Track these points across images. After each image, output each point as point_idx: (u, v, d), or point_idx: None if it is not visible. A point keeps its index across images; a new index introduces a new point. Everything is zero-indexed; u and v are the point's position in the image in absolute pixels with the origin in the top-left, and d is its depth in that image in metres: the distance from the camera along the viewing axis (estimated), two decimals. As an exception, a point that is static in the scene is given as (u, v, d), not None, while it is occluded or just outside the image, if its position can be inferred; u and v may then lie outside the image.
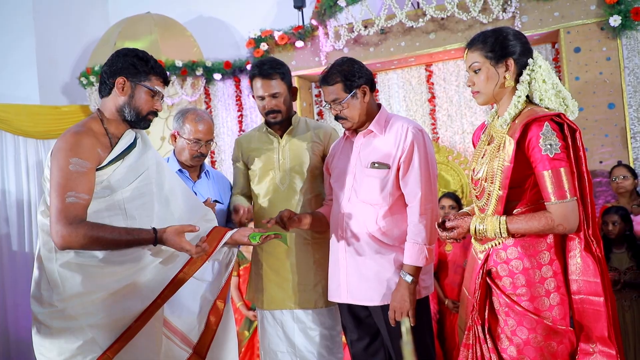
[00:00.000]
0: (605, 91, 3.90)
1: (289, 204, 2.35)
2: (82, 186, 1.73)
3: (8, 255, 4.47)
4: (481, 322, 1.74)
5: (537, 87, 1.72)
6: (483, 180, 1.76)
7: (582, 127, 3.89)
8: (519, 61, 1.74)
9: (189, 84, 4.85)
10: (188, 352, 2.05)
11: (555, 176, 1.61)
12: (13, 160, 4.56)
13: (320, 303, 2.32)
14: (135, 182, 1.85)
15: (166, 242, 1.78)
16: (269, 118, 2.38)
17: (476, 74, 1.78)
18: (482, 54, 1.76)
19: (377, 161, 2.12)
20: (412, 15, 4.20)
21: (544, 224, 1.63)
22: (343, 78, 2.10)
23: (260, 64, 2.36)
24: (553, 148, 1.61)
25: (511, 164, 1.66)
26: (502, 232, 1.68)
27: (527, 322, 1.66)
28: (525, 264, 1.69)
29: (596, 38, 3.89)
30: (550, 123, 1.64)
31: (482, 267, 1.76)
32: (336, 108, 2.13)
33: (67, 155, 1.74)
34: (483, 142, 1.86)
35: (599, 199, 3.87)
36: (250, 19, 4.96)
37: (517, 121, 1.70)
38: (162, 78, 1.92)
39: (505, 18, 4.02)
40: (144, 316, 1.80)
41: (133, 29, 4.85)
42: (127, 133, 1.92)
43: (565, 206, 1.61)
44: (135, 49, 1.91)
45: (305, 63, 4.60)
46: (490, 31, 1.80)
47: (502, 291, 1.71)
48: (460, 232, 1.78)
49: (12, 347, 4.37)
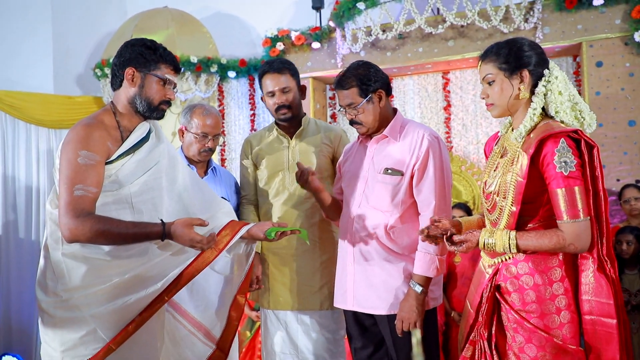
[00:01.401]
0: (626, 108, 3.82)
1: (298, 205, 2.34)
2: (91, 179, 1.72)
3: (15, 243, 4.48)
4: (487, 336, 1.70)
5: (552, 99, 1.67)
6: (495, 194, 1.72)
7: (600, 144, 3.85)
8: (535, 72, 1.69)
9: (203, 81, 4.83)
10: (212, 347, 2.01)
11: (569, 195, 1.57)
12: (24, 148, 4.57)
13: (325, 305, 2.31)
14: (143, 176, 1.82)
15: (174, 235, 1.73)
16: (279, 115, 2.37)
17: (490, 86, 1.73)
18: (496, 65, 1.71)
19: (391, 167, 2.08)
20: (432, 21, 4.15)
21: (555, 242, 1.59)
22: (359, 82, 2.07)
23: (270, 62, 2.39)
24: (568, 166, 1.57)
25: (524, 179, 1.62)
26: (512, 248, 1.65)
27: (536, 339, 1.63)
28: (536, 280, 1.65)
29: (619, 53, 3.82)
30: (566, 139, 1.59)
31: (490, 280, 1.73)
32: (351, 112, 2.10)
33: (77, 147, 1.73)
34: (496, 154, 1.82)
35: (615, 218, 3.79)
36: (267, 18, 4.94)
37: (533, 135, 1.66)
38: (173, 66, 1.88)
39: (527, 28, 3.95)
40: (148, 310, 1.76)
41: (150, 22, 4.84)
42: (139, 126, 1.89)
43: (578, 226, 1.57)
44: (143, 39, 1.88)
45: (321, 65, 4.56)
46: (505, 42, 1.75)
47: (511, 307, 1.68)
48: (469, 246, 1.74)
49: (14, 336, 4.37)
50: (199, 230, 1.80)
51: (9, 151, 4.50)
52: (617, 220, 3.76)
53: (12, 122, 4.52)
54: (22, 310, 4.42)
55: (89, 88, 5.09)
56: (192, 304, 1.98)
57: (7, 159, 4.48)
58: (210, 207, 2.02)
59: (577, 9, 3.86)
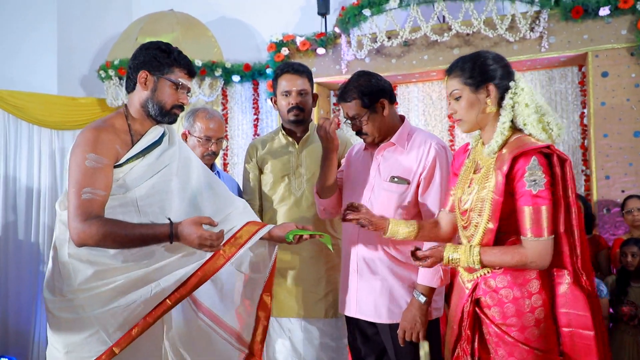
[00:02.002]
0: (631, 118, 3.81)
1: (303, 210, 2.33)
2: (98, 182, 1.71)
3: (14, 244, 4.45)
4: (470, 351, 1.70)
5: (520, 111, 1.66)
6: (470, 211, 1.71)
7: (605, 154, 3.84)
8: (501, 85, 1.69)
9: (207, 84, 4.82)
10: (245, 351, 1.98)
11: (535, 213, 1.58)
12: (26, 149, 4.55)
13: (330, 313, 2.30)
14: (151, 179, 1.81)
15: (182, 235, 1.69)
16: (290, 115, 2.35)
17: (457, 101, 1.73)
18: (462, 80, 1.71)
19: (397, 176, 2.07)
20: (437, 29, 4.14)
21: (517, 260, 1.61)
22: (360, 94, 2.06)
23: (290, 63, 2.38)
24: (537, 184, 1.58)
25: (501, 197, 1.62)
26: (476, 264, 1.66)
27: (517, 352, 1.62)
28: (515, 293, 1.65)
29: (625, 63, 3.81)
30: (538, 156, 1.59)
31: (470, 295, 1.73)
32: (356, 124, 2.09)
33: (84, 151, 1.72)
34: (468, 168, 1.81)
35: (619, 229, 3.76)
36: (272, 23, 4.93)
37: (505, 151, 1.65)
38: (187, 70, 1.87)
39: (533, 38, 3.95)
40: (152, 315, 1.73)
41: (155, 25, 4.84)
42: (151, 130, 1.87)
43: (541, 244, 1.59)
44: (158, 42, 1.86)
45: (326, 70, 4.56)
46: (469, 56, 1.75)
47: (491, 321, 1.68)
48: (434, 261, 1.75)
49: (11, 338, 4.33)
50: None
51: (11, 151, 4.48)
52: (622, 232, 3.73)
53: (14, 122, 4.50)
54: (20, 312, 4.39)
55: (93, 89, 5.08)
56: (223, 307, 1.96)
57: (8, 159, 4.46)
58: (224, 208, 1.98)
59: (583, 18, 3.86)
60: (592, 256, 3.44)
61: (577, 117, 4.26)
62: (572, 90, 4.29)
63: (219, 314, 1.94)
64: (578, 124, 4.24)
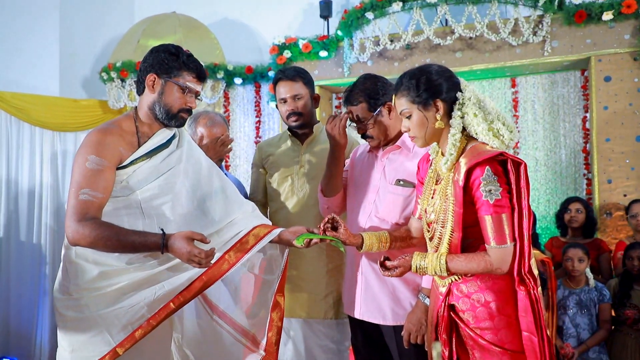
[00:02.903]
0: (634, 123, 3.81)
1: (305, 211, 2.34)
2: (97, 184, 1.72)
3: (15, 246, 4.44)
4: (448, 354, 1.73)
5: (469, 121, 1.69)
6: (434, 223, 1.74)
7: (607, 159, 3.84)
8: (448, 98, 1.71)
9: (209, 87, 4.82)
10: (261, 354, 1.98)
11: (496, 222, 1.61)
12: (28, 150, 4.54)
13: (330, 314, 2.29)
14: (156, 181, 1.81)
15: (172, 248, 1.69)
16: (290, 122, 2.37)
17: (408, 119, 1.75)
18: (409, 99, 1.73)
19: (403, 179, 2.07)
20: (440, 32, 4.14)
21: (483, 267, 1.64)
22: (367, 97, 2.07)
23: (285, 69, 2.39)
24: (493, 194, 1.60)
25: (461, 209, 1.65)
26: (442, 271, 1.68)
27: (492, 355, 1.65)
28: (486, 297, 1.68)
29: (628, 68, 3.81)
30: (491, 166, 1.61)
31: (444, 300, 1.75)
32: (362, 127, 2.09)
33: (86, 152, 1.74)
34: (431, 179, 1.83)
35: (620, 233, 3.76)
36: (275, 26, 4.94)
37: (462, 161, 1.67)
38: (196, 73, 1.85)
39: (535, 42, 3.95)
40: (156, 317, 1.73)
41: (157, 27, 4.84)
42: (159, 132, 1.87)
43: (504, 251, 1.62)
44: (168, 45, 1.86)
45: (328, 73, 4.56)
46: (412, 73, 1.75)
47: (466, 325, 1.71)
48: (403, 271, 1.77)
49: (13, 339, 4.33)
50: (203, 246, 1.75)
51: (13, 153, 4.48)
52: (624, 235, 3.73)
53: (16, 124, 4.50)
54: (21, 313, 4.38)
55: (95, 91, 5.08)
56: (237, 310, 1.95)
57: (10, 160, 4.46)
58: (232, 212, 1.96)
59: (586, 23, 3.86)
60: (593, 260, 3.44)
61: (579, 121, 4.26)
62: (574, 95, 4.29)
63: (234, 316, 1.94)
64: (580, 128, 4.25)
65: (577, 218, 3.53)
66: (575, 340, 3.15)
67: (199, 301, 1.94)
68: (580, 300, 3.19)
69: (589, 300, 3.19)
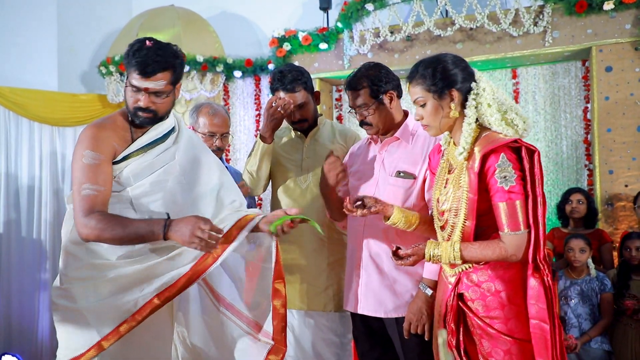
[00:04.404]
0: (635, 113, 3.80)
1: (307, 203, 2.33)
2: (96, 178, 1.73)
3: (16, 242, 4.43)
4: (456, 344, 1.74)
5: (483, 111, 1.71)
6: (447, 212, 1.75)
7: (608, 149, 3.83)
8: (463, 88, 1.73)
9: (209, 80, 4.80)
10: (270, 343, 1.95)
11: (510, 208, 1.62)
12: (27, 146, 4.52)
13: (329, 307, 2.29)
14: (147, 178, 1.81)
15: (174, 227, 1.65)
16: (296, 127, 2.37)
17: (422, 108, 1.76)
18: (424, 88, 1.74)
19: (403, 170, 2.07)
20: (441, 23, 4.12)
21: (498, 253, 1.65)
22: (370, 83, 2.07)
23: (282, 77, 2.31)
24: (508, 180, 1.62)
25: (475, 195, 1.66)
26: (456, 259, 1.69)
27: (501, 344, 1.66)
28: (496, 286, 1.69)
29: (629, 58, 3.80)
30: (506, 153, 1.64)
31: (453, 290, 1.76)
32: (362, 114, 2.09)
33: (82, 148, 1.76)
34: (443, 169, 1.84)
35: (622, 224, 3.76)
36: (274, 18, 4.91)
37: (476, 149, 1.68)
38: (139, 70, 1.74)
39: (536, 32, 3.93)
40: (141, 312, 1.72)
41: (156, 21, 4.81)
42: (156, 126, 1.85)
43: (518, 237, 1.63)
44: (135, 41, 1.80)
45: (328, 66, 4.54)
46: (428, 62, 1.76)
47: (475, 314, 1.71)
48: (416, 259, 1.76)
49: (15, 335, 4.32)
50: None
51: (12, 148, 4.46)
52: (625, 225, 3.74)
53: (15, 119, 4.47)
54: (22, 309, 4.38)
55: (94, 86, 5.05)
56: (243, 301, 1.95)
57: (9, 156, 4.44)
58: (223, 210, 1.95)
59: (587, 13, 3.84)
60: (594, 250, 3.44)
61: (580, 111, 4.25)
62: (575, 85, 4.27)
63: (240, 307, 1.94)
64: (581, 119, 4.23)
65: (579, 209, 3.53)
66: (577, 330, 3.16)
67: (205, 294, 1.94)
68: (582, 290, 3.20)
69: (591, 290, 3.20)
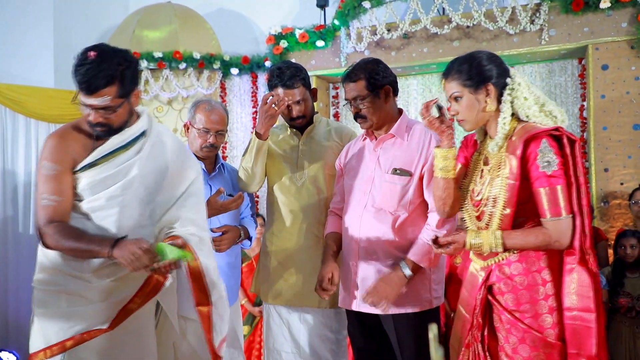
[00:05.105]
0: (631, 111, 3.81)
1: (304, 199, 2.34)
2: (54, 188, 1.71)
3: (13, 238, 4.43)
4: (480, 339, 1.73)
5: (520, 105, 1.72)
6: (485, 200, 1.75)
7: (604, 147, 3.85)
8: (498, 83, 1.74)
9: (206, 77, 4.80)
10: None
11: (552, 193, 1.62)
12: (24, 142, 4.51)
13: (324, 303, 2.29)
14: (103, 192, 1.73)
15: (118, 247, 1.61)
16: (294, 123, 2.37)
17: (457, 102, 1.78)
18: (460, 82, 1.76)
19: (399, 168, 2.07)
20: (437, 21, 4.13)
21: (542, 239, 1.64)
22: (367, 76, 2.07)
23: (280, 73, 2.31)
24: (551, 165, 1.62)
25: (517, 181, 1.66)
26: (498, 247, 1.69)
27: (529, 339, 1.65)
28: (529, 280, 1.69)
29: (625, 56, 3.81)
30: (547, 139, 1.64)
31: (484, 282, 1.75)
32: (357, 106, 2.09)
33: (41, 159, 1.76)
34: (478, 161, 1.85)
35: (617, 221, 3.78)
36: (271, 15, 4.91)
37: (515, 138, 1.70)
38: (82, 85, 1.67)
39: (533, 30, 3.94)
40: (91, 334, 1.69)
41: (152, 18, 4.81)
42: (120, 134, 1.75)
43: (561, 223, 1.62)
44: (80, 52, 1.75)
45: (325, 63, 4.54)
46: (464, 58, 1.79)
47: (504, 308, 1.71)
48: (457, 247, 1.76)
49: (11, 332, 4.33)
50: None
51: (8, 145, 4.45)
52: (620, 223, 3.75)
53: (12, 116, 4.46)
54: (19, 306, 4.38)
55: (90, 83, 5.04)
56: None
57: (6, 153, 4.43)
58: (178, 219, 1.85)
59: (583, 11, 3.85)
60: (590, 248, 3.45)
61: (576, 109, 4.26)
62: (572, 83, 4.29)
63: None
64: (577, 117, 4.25)
65: (574, 206, 3.53)
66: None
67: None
68: (577, 287, 3.21)
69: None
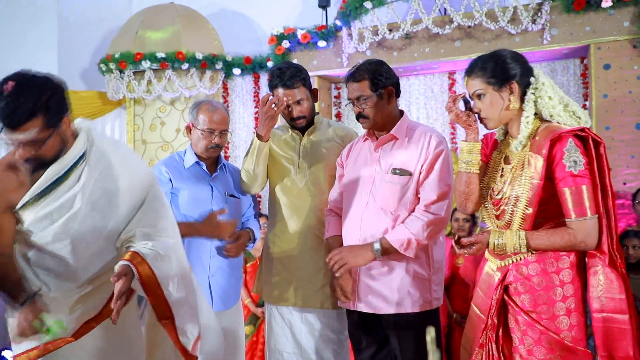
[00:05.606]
0: (633, 111, 3.80)
1: (306, 200, 2.33)
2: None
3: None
4: (495, 339, 1.72)
5: (544, 104, 1.71)
6: (506, 199, 1.73)
7: (607, 147, 3.80)
8: (522, 82, 1.73)
9: (208, 77, 4.81)
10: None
11: (577, 193, 1.60)
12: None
13: (326, 304, 2.29)
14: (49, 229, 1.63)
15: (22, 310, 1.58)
16: (295, 124, 2.37)
17: (480, 100, 1.76)
18: (484, 80, 1.74)
19: (399, 168, 2.08)
20: (439, 21, 4.13)
21: (567, 240, 1.62)
22: (370, 76, 2.09)
23: (281, 73, 2.31)
24: (577, 165, 1.60)
25: (541, 181, 1.64)
26: (522, 247, 1.67)
27: (546, 341, 1.63)
28: (547, 281, 1.67)
29: (628, 55, 3.80)
30: (573, 139, 1.63)
31: (500, 282, 1.73)
32: (359, 106, 2.11)
33: None
34: (498, 160, 1.84)
35: (620, 222, 3.76)
36: (273, 16, 4.92)
37: (539, 138, 1.68)
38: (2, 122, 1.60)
39: (535, 30, 3.93)
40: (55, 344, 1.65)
41: (155, 18, 4.83)
42: (55, 164, 1.63)
43: (586, 224, 1.60)
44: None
45: (327, 63, 4.55)
46: (488, 56, 1.78)
47: (520, 308, 1.69)
48: (480, 247, 1.75)
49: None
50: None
51: (12, 145, 4.48)
52: (624, 224, 3.74)
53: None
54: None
55: (94, 83, 5.07)
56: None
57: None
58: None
59: (585, 10, 3.84)
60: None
61: (578, 109, 4.25)
62: (574, 83, 4.28)
63: None
64: (580, 117, 4.23)
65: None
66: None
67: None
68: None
69: (588, 287, 3.20)
